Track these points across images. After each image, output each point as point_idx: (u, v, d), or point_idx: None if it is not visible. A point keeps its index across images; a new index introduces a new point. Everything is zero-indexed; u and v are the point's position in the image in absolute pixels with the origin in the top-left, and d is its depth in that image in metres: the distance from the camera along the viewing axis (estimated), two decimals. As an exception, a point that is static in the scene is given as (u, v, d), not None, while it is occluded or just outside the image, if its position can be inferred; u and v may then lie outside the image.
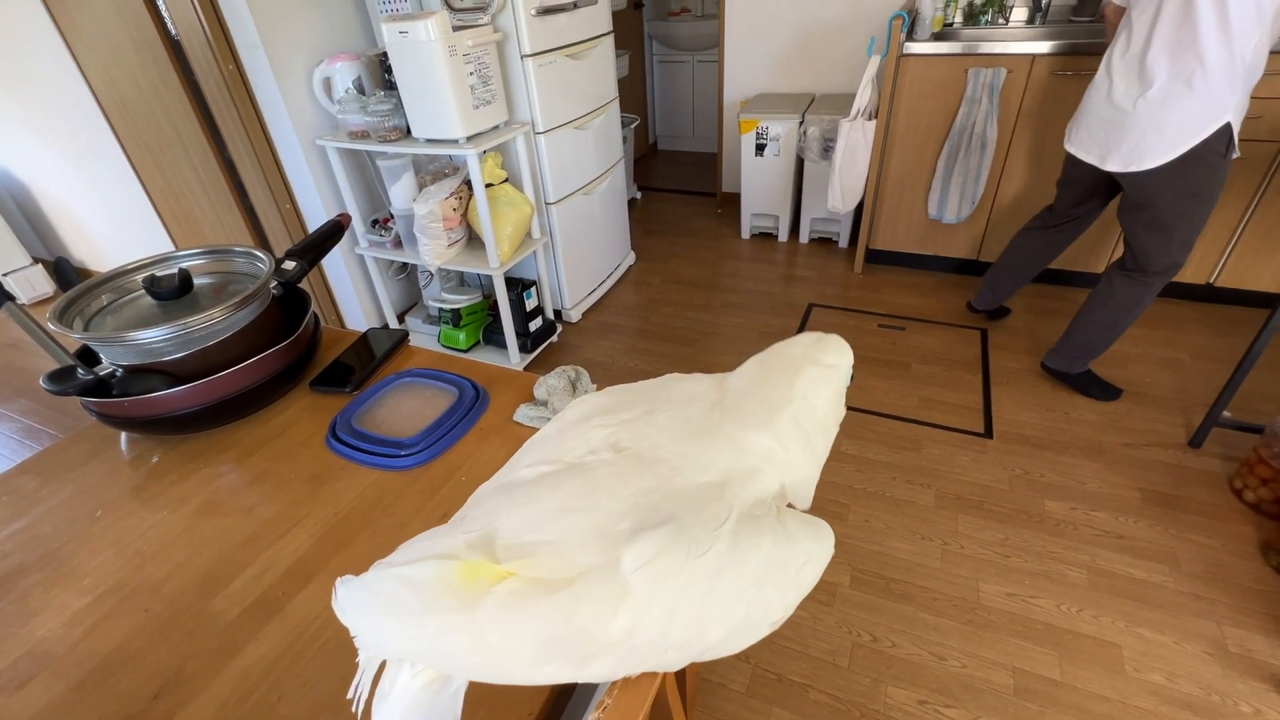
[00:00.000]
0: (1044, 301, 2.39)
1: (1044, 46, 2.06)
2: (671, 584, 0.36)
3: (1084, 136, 1.66)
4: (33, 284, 2.92)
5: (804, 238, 3.00)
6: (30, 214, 3.08)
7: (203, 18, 1.79)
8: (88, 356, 0.84)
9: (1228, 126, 1.43)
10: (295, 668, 0.54)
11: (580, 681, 0.40)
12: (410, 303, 2.58)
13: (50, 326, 0.78)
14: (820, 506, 1.60)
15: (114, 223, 2.73)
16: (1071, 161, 1.75)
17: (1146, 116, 1.48)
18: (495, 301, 2.13)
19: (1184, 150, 1.46)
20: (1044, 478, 1.65)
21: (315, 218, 2.15)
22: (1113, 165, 1.59)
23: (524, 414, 0.79)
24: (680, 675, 1.07)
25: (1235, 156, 1.50)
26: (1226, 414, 1.65)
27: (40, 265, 2.98)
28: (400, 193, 1.97)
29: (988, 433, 1.80)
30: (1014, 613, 1.33)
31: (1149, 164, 1.51)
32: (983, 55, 2.14)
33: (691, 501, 0.40)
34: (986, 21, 2.50)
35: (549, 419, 0.77)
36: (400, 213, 2.03)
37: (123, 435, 0.85)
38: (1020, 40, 2.11)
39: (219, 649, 0.55)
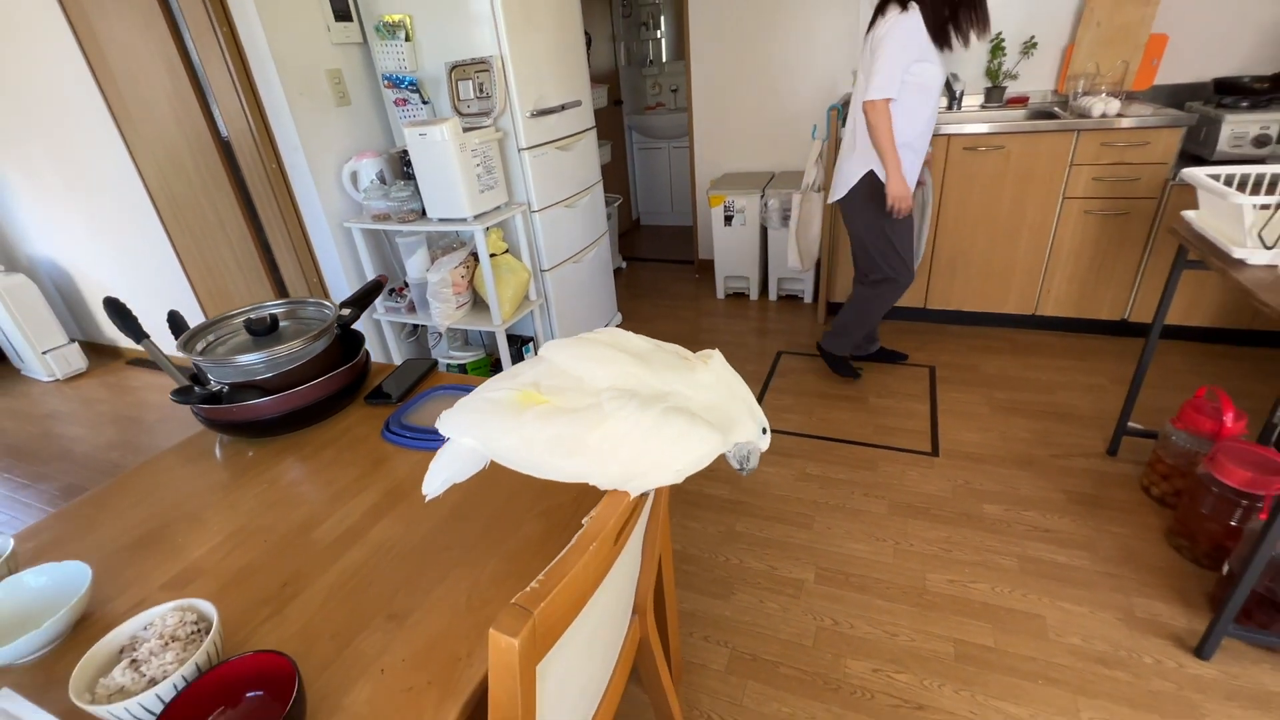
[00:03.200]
0: (984, 341, 2.69)
1: (960, 128, 2.46)
2: (627, 423, 0.62)
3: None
4: (69, 361, 3.17)
5: (773, 295, 3.33)
6: (69, 298, 3.37)
7: (253, 126, 2.15)
8: (194, 380, 1.10)
9: (871, 173, 2.02)
10: (380, 567, 0.76)
11: (564, 476, 0.66)
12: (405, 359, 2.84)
13: (177, 354, 1.05)
14: (789, 518, 1.82)
15: (150, 300, 3.02)
16: None
17: (841, 165, 2.15)
18: (497, 358, 2.40)
19: (845, 191, 2.12)
20: (982, 486, 1.88)
21: (338, 289, 2.45)
22: (830, 198, 2.26)
23: (532, 409, 1.04)
24: (666, 649, 1.26)
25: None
26: (1133, 424, 1.91)
27: (76, 344, 3.24)
28: (415, 264, 2.29)
29: (934, 452, 2.05)
30: (955, 595, 1.53)
31: (834, 198, 2.19)
32: (908, 136, 2.54)
33: (650, 390, 0.67)
34: (913, 108, 2.94)
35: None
36: (415, 281, 2.33)
37: (217, 443, 1.09)
38: (941, 124, 2.49)
39: (322, 558, 0.78)
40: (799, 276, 3.22)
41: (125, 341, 3.36)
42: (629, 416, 0.63)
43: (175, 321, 1.14)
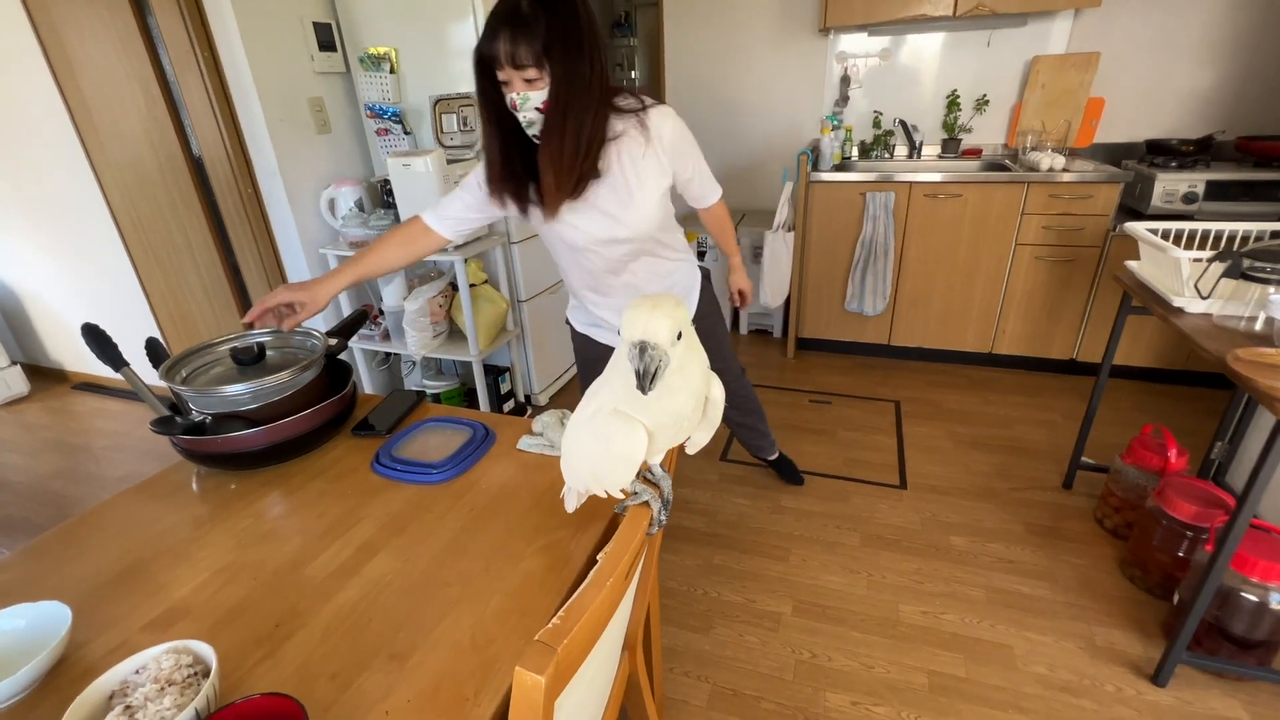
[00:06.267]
0: (944, 377, 2.81)
1: (920, 176, 2.61)
2: (569, 436, 0.72)
3: None
4: (9, 384, 3.00)
5: (744, 330, 3.41)
6: (13, 319, 3.20)
7: (230, 151, 2.12)
8: (174, 410, 1.07)
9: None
10: (378, 602, 0.75)
11: (579, 487, 0.76)
12: (391, 390, 2.79)
13: (159, 384, 1.02)
14: (765, 551, 1.84)
15: (107, 324, 2.89)
16: None
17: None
18: (470, 389, 2.38)
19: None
20: (949, 518, 1.94)
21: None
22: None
23: (525, 442, 1.05)
24: (651, 684, 1.25)
25: None
26: (1086, 459, 2.01)
27: (18, 367, 3.06)
28: (392, 292, 2.27)
29: (902, 484, 2.11)
30: (927, 627, 1.57)
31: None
32: (874, 182, 2.68)
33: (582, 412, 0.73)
34: (876, 156, 3.10)
35: (545, 445, 1.04)
36: (390, 309, 2.31)
37: (194, 475, 1.05)
38: (902, 171, 2.65)
39: (317, 596, 0.77)
40: (769, 312, 3.31)
41: (73, 363, 3.20)
42: (572, 423, 0.72)
43: (154, 350, 1.11)
